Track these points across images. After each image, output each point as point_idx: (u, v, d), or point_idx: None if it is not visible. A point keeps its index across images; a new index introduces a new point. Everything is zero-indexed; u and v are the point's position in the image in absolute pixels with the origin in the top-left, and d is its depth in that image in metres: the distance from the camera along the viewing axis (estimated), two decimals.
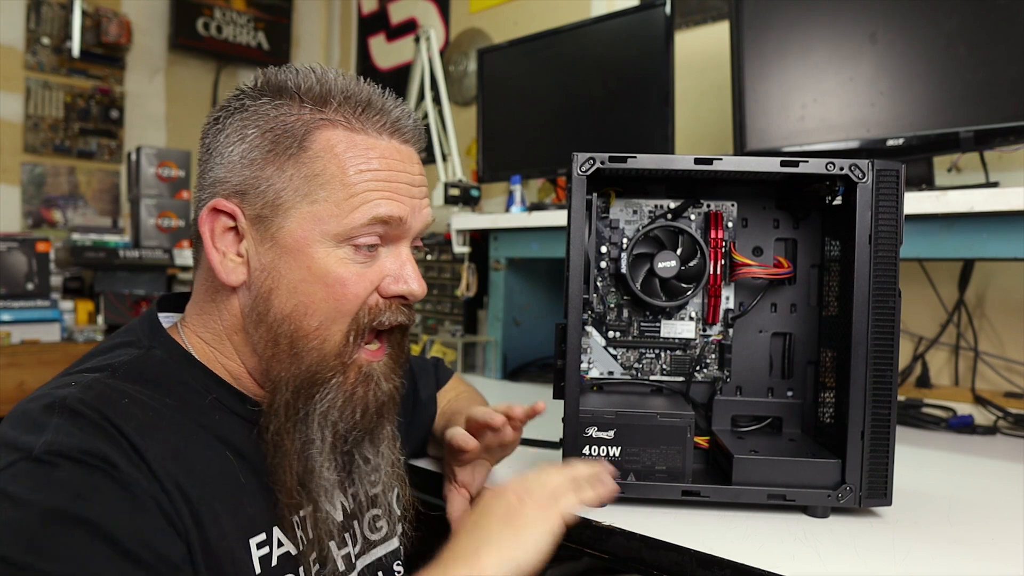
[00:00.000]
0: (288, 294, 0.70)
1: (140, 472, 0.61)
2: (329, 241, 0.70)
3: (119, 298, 2.23)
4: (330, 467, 0.73)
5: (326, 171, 0.70)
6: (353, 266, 0.71)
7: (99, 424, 0.61)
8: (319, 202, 0.70)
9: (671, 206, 0.99)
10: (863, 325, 0.83)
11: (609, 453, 0.88)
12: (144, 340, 0.74)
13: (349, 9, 3.52)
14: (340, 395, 0.73)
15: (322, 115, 0.71)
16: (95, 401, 0.63)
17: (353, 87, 0.73)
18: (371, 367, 0.75)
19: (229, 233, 0.72)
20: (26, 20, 2.93)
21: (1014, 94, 1.25)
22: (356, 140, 0.71)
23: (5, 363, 1.86)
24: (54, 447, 0.58)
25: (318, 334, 0.71)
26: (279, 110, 0.71)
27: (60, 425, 0.60)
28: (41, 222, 2.98)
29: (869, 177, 0.84)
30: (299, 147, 0.70)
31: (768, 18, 1.55)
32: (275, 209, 0.70)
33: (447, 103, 2.47)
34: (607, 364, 1.01)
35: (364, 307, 0.73)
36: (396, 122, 0.74)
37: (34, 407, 0.63)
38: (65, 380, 0.67)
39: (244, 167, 0.71)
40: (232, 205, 0.71)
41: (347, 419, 0.73)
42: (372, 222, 0.70)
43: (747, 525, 0.84)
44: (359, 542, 0.81)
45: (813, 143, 1.50)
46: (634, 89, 1.78)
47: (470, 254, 1.99)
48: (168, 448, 0.64)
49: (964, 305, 1.58)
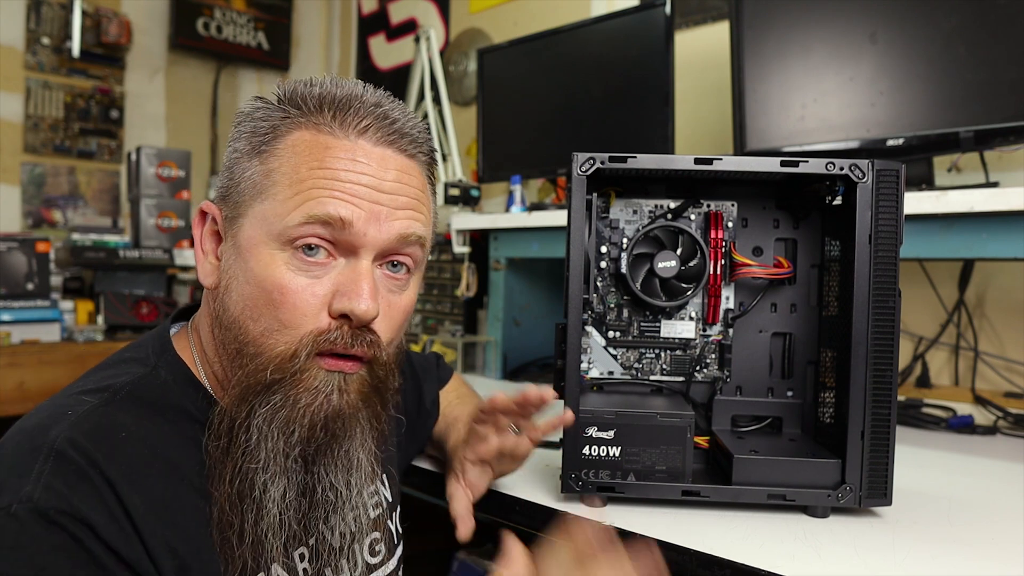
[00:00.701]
0: (238, 296, 0.67)
1: (121, 531, 0.58)
2: (273, 242, 0.66)
3: (119, 298, 2.23)
4: (280, 485, 0.66)
5: (280, 169, 0.66)
6: (297, 275, 0.65)
7: (84, 473, 0.58)
8: (267, 200, 0.66)
9: (671, 206, 0.99)
10: (863, 325, 0.83)
11: (609, 453, 0.88)
12: (152, 357, 0.72)
13: (349, 9, 3.52)
14: (286, 403, 0.66)
15: (296, 116, 0.68)
16: (86, 440, 0.60)
17: (339, 91, 0.68)
18: (331, 377, 0.67)
19: (214, 235, 0.72)
20: (26, 20, 2.93)
21: (1014, 94, 1.25)
22: (319, 140, 0.67)
23: (5, 363, 1.86)
24: (31, 504, 0.56)
25: (262, 340, 0.66)
26: (264, 112, 0.70)
27: (43, 473, 0.58)
28: (41, 222, 2.98)
29: (869, 177, 0.84)
30: (267, 146, 0.68)
31: (768, 18, 1.55)
32: (237, 208, 0.68)
33: (447, 103, 2.47)
34: (607, 364, 1.01)
35: (312, 328, 0.66)
36: (372, 122, 0.68)
37: (25, 444, 0.60)
38: (66, 403, 0.65)
39: (227, 168, 0.71)
40: (214, 208, 0.71)
41: (292, 430, 0.66)
42: (309, 220, 0.64)
43: (747, 525, 0.84)
44: (359, 566, 0.77)
45: (813, 143, 1.50)
46: (634, 89, 1.78)
47: (470, 254, 1.99)
48: (156, 498, 0.61)
49: (964, 305, 1.58)
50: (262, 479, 0.65)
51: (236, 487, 0.65)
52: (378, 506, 0.82)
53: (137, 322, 2.22)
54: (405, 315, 0.73)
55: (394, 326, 0.71)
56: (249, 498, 0.65)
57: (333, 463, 0.69)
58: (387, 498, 0.87)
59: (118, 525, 0.58)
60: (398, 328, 0.72)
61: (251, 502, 0.65)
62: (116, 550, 0.57)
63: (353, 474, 0.70)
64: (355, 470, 0.70)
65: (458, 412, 1.03)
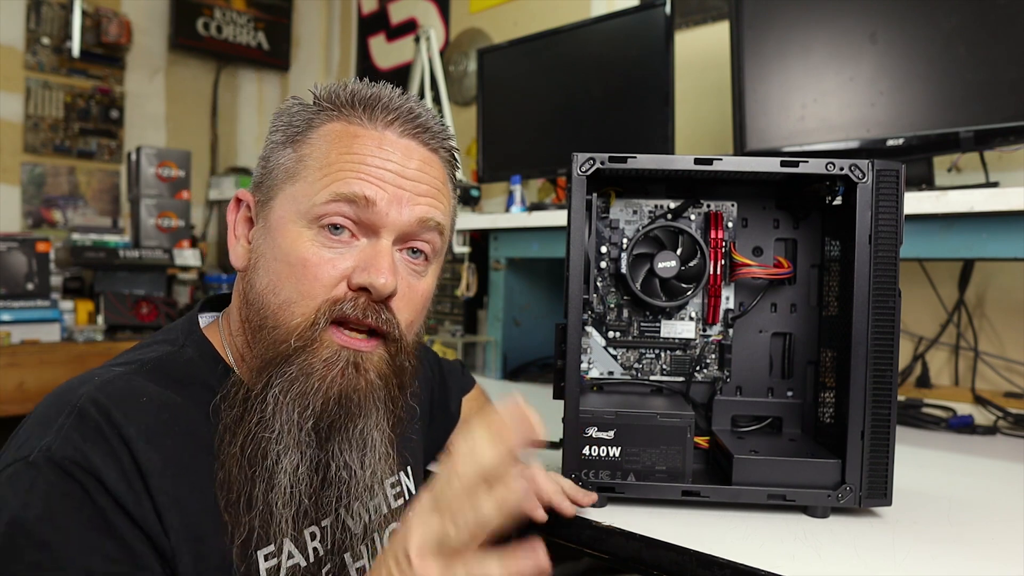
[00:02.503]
0: (264, 272, 0.71)
1: (130, 489, 0.61)
2: (301, 221, 0.70)
3: (119, 298, 2.23)
4: (293, 459, 0.68)
5: (312, 155, 0.71)
6: (321, 249, 0.69)
7: (101, 429, 0.62)
8: (299, 182, 0.71)
9: (671, 206, 0.99)
10: (863, 325, 0.83)
11: (609, 453, 0.88)
12: (180, 338, 0.75)
13: (349, 9, 3.51)
14: (300, 374, 0.68)
15: (329, 111, 0.73)
16: (109, 400, 0.63)
17: (370, 91, 0.74)
18: (344, 352, 0.69)
19: (247, 221, 0.77)
20: (26, 20, 2.93)
21: (1014, 94, 1.25)
22: (349, 130, 0.72)
23: (5, 363, 1.86)
24: (48, 453, 0.60)
25: (282, 311, 0.69)
26: (296, 109, 0.75)
27: (64, 427, 0.61)
28: (41, 222, 2.98)
29: (869, 177, 0.84)
30: (301, 136, 0.73)
31: (768, 18, 1.55)
32: (271, 193, 0.73)
33: (447, 103, 2.47)
34: (607, 364, 1.01)
35: (328, 299, 0.69)
36: (397, 115, 0.73)
37: (53, 403, 0.65)
38: (95, 372, 0.69)
39: (263, 159, 0.76)
40: (249, 195, 0.77)
41: (306, 403, 0.68)
42: (336, 198, 0.69)
43: (747, 525, 0.84)
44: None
45: (813, 143, 1.50)
46: (634, 89, 1.78)
47: (470, 254, 1.99)
48: (172, 457, 0.64)
49: (964, 305, 1.58)
50: (275, 449, 0.67)
51: (248, 453, 0.67)
52: (400, 496, 0.83)
53: (137, 322, 2.22)
54: (424, 299, 0.76)
55: (413, 308, 0.74)
56: (260, 466, 0.67)
57: (347, 441, 0.70)
58: (410, 489, 0.87)
59: (128, 482, 0.61)
60: (417, 312, 0.75)
61: (262, 471, 0.67)
62: (124, 506, 0.60)
63: (368, 454, 0.71)
64: (369, 450, 0.72)
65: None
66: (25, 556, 0.57)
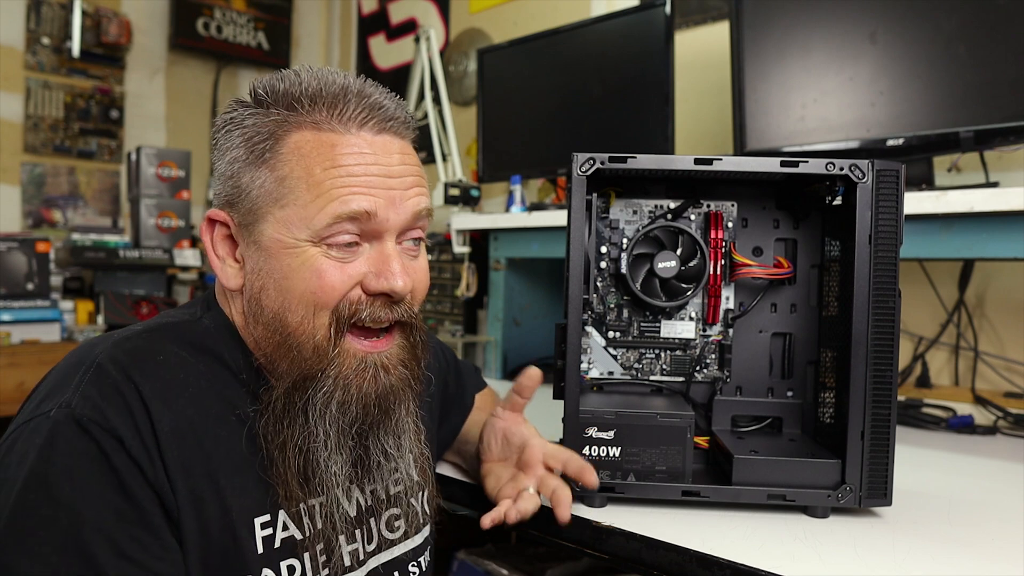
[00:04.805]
0: (275, 292, 0.72)
1: (144, 448, 0.63)
2: (304, 242, 0.70)
3: (119, 298, 2.23)
4: (339, 461, 0.73)
5: (292, 174, 0.70)
6: (331, 261, 0.71)
7: (119, 387, 0.64)
8: (288, 206, 0.70)
9: (671, 206, 0.99)
10: (863, 325, 0.83)
11: (609, 453, 0.88)
12: (199, 310, 0.79)
13: (349, 9, 3.51)
14: (336, 387, 0.72)
15: (292, 118, 0.72)
16: (126, 357, 0.67)
17: (326, 85, 0.72)
18: (369, 358, 0.74)
19: (227, 240, 0.76)
20: (26, 20, 2.93)
21: (1014, 94, 1.25)
22: (323, 139, 0.71)
23: (5, 363, 1.86)
24: (68, 409, 0.62)
25: (303, 328, 0.71)
26: (255, 118, 0.73)
27: (82, 384, 0.64)
28: (41, 222, 2.97)
29: (869, 177, 0.84)
30: (270, 152, 0.71)
31: (768, 18, 1.55)
32: (254, 216, 0.72)
33: (447, 103, 2.47)
34: (607, 364, 1.01)
35: (345, 300, 0.72)
36: (368, 113, 0.72)
37: (72, 360, 0.68)
38: (112, 332, 0.72)
39: (229, 177, 0.74)
40: (224, 215, 0.75)
41: (348, 411, 0.73)
42: (338, 219, 0.69)
43: (747, 525, 0.84)
44: (375, 539, 0.81)
45: (813, 143, 1.50)
46: (634, 89, 1.78)
47: (470, 254, 1.99)
48: (183, 418, 0.67)
49: (964, 305, 1.58)
50: (323, 455, 0.72)
51: (300, 467, 0.71)
52: (399, 483, 0.84)
53: (137, 322, 2.22)
54: (425, 274, 0.80)
55: (421, 287, 0.78)
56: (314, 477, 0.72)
57: (386, 432, 0.77)
58: (410, 476, 0.87)
59: (143, 443, 0.64)
60: (424, 287, 0.80)
61: (314, 482, 0.72)
62: (140, 465, 0.63)
63: (403, 437, 0.78)
64: (403, 434, 0.78)
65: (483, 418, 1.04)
66: (41, 510, 0.60)
